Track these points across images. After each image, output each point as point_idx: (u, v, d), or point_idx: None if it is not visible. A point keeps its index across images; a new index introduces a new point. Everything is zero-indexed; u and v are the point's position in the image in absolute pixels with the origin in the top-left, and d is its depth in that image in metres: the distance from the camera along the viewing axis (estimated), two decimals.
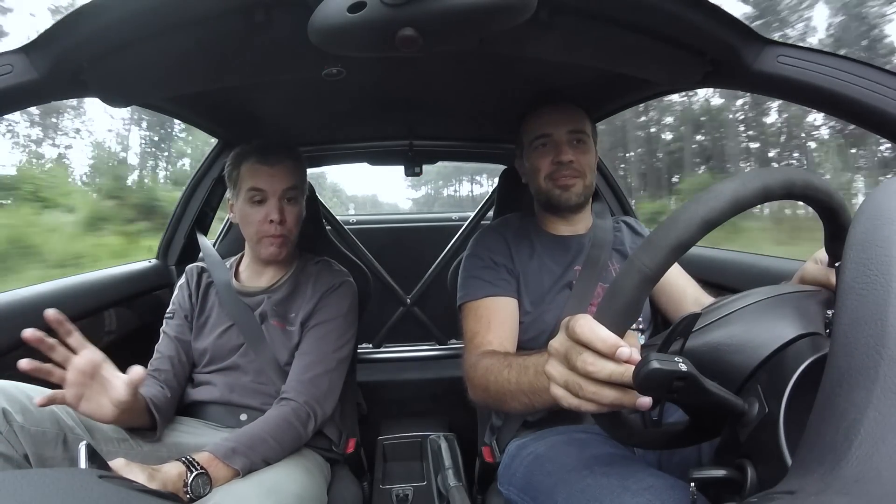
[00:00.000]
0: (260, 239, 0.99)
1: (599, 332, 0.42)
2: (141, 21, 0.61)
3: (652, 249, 0.42)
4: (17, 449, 0.68)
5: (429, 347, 1.89)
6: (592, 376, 0.42)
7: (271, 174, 0.98)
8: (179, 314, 1.04)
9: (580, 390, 0.43)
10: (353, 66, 0.78)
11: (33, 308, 0.99)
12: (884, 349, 0.29)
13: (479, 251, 0.98)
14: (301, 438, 0.90)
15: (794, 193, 0.45)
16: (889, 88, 0.60)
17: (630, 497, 0.56)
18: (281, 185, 0.98)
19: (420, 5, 0.51)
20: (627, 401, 0.42)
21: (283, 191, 0.98)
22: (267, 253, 1.00)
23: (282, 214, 0.98)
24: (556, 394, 0.46)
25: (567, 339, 0.44)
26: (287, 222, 0.99)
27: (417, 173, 1.64)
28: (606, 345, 0.41)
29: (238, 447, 0.78)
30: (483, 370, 0.77)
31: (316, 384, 0.94)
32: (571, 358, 0.43)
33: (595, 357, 0.42)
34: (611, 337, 0.42)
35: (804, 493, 0.28)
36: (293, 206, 1.01)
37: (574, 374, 0.44)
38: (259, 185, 0.98)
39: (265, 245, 1.00)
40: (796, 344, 0.46)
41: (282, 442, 0.85)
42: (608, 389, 0.42)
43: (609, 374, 0.41)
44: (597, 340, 0.42)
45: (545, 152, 0.96)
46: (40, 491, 0.35)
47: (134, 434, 0.83)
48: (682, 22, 0.65)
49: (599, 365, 0.42)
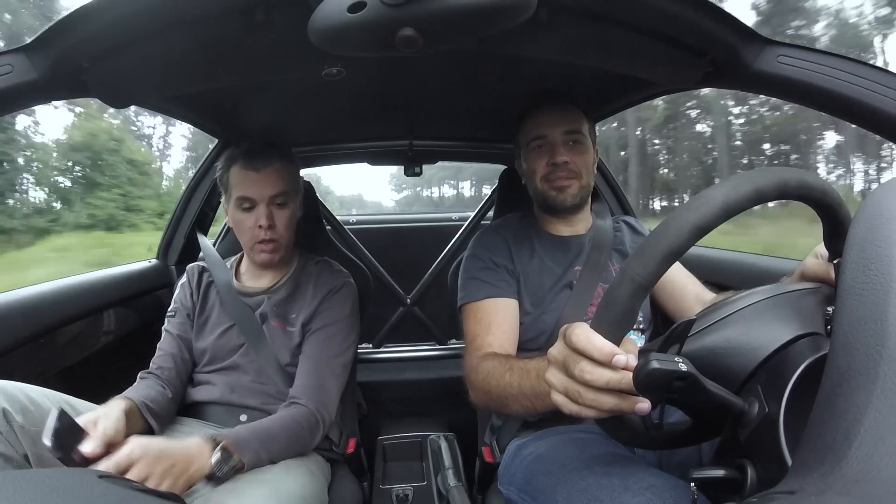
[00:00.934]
0: (252, 245, 0.99)
1: (595, 340, 0.42)
2: (141, 21, 0.61)
3: (644, 258, 0.42)
4: (17, 449, 0.68)
5: (429, 347, 1.89)
6: (590, 384, 0.43)
7: (258, 180, 0.96)
8: (181, 312, 1.04)
9: (580, 397, 0.44)
10: (353, 66, 0.78)
11: (33, 308, 1.00)
12: (884, 349, 0.29)
13: (479, 252, 0.98)
14: (308, 445, 0.90)
15: (788, 193, 0.45)
16: (889, 88, 0.60)
17: (631, 496, 0.56)
18: (269, 192, 0.96)
19: (420, 5, 0.51)
20: (626, 406, 0.43)
21: (271, 197, 0.97)
22: (260, 259, 1.00)
23: (271, 220, 0.96)
24: (556, 400, 0.47)
25: (565, 347, 0.45)
26: (277, 227, 0.98)
27: (417, 173, 1.64)
28: (602, 353, 0.42)
29: (251, 440, 0.78)
30: (484, 373, 0.77)
31: (325, 390, 0.94)
32: (569, 366, 0.44)
33: (592, 365, 0.43)
34: (606, 345, 0.42)
35: (804, 493, 0.28)
36: (283, 210, 0.99)
37: (573, 382, 0.44)
38: (246, 194, 0.96)
39: (258, 252, 0.99)
40: (796, 344, 0.46)
41: (291, 443, 0.85)
42: (607, 396, 0.43)
43: (606, 382, 0.42)
44: (593, 349, 0.42)
45: (541, 154, 0.96)
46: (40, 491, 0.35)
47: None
48: (682, 22, 0.65)
49: (597, 373, 0.42)
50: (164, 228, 1.48)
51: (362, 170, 4.58)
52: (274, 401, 0.95)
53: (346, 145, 1.59)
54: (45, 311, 1.01)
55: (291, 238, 1.03)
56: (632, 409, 0.43)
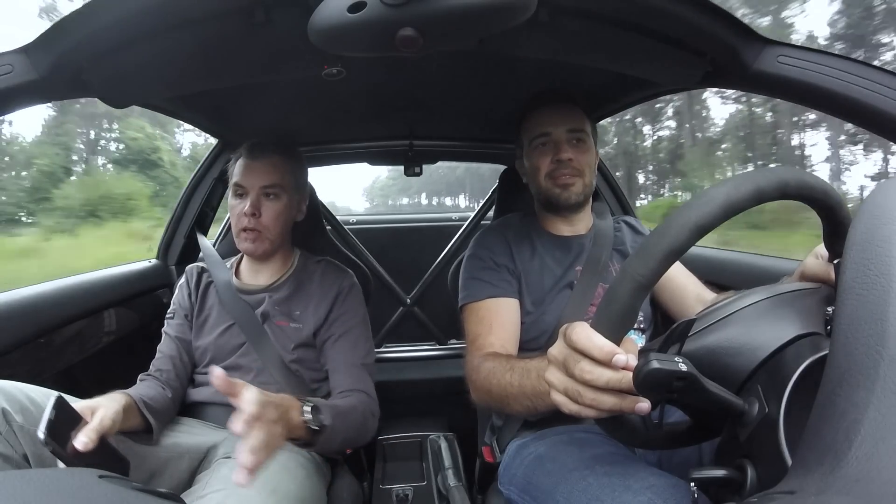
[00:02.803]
0: (238, 232, 1.00)
1: (596, 340, 0.42)
2: (141, 21, 0.61)
3: (645, 257, 0.42)
4: (17, 449, 0.68)
5: (429, 347, 1.89)
6: (590, 384, 0.43)
7: (253, 169, 0.99)
8: (180, 314, 1.04)
9: (580, 397, 0.44)
10: (353, 66, 0.78)
11: (33, 308, 0.99)
12: (884, 349, 0.29)
13: (479, 252, 0.98)
14: (367, 431, 0.91)
15: (789, 193, 0.45)
16: (889, 88, 0.60)
17: (631, 496, 0.56)
18: (259, 181, 0.98)
19: (420, 5, 0.51)
20: (626, 406, 0.43)
21: (262, 187, 0.98)
22: (243, 248, 1.01)
23: (256, 209, 0.97)
24: (556, 400, 0.47)
25: (565, 346, 0.45)
26: (263, 218, 0.98)
27: (417, 173, 1.64)
28: (603, 352, 0.42)
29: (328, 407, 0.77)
30: (486, 373, 0.78)
31: (370, 388, 0.97)
32: (569, 366, 0.44)
33: (592, 365, 0.43)
34: (607, 345, 0.42)
35: (804, 493, 0.28)
36: (273, 202, 0.99)
37: (573, 382, 0.44)
38: (239, 181, 0.99)
39: (241, 239, 1.00)
40: (796, 344, 0.46)
41: (355, 424, 0.86)
42: (607, 396, 0.43)
43: (607, 382, 0.42)
44: (593, 349, 0.42)
45: (545, 151, 0.96)
46: (40, 491, 0.35)
47: (133, 436, 0.83)
48: (682, 22, 0.65)
49: (597, 373, 0.42)
50: (164, 228, 1.48)
51: (336, 179, 4.55)
52: None
53: (345, 145, 1.59)
54: (45, 311, 1.01)
55: (280, 233, 1.02)
56: (632, 408, 0.43)
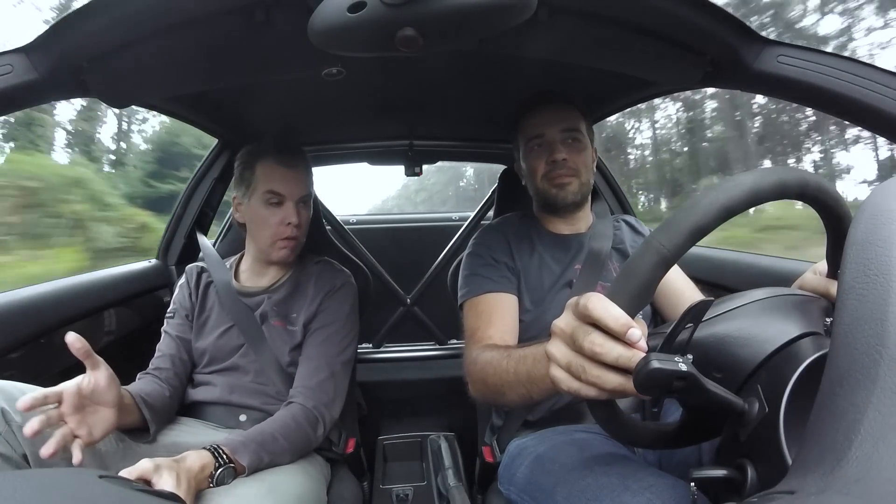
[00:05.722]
0: (274, 242, 0.99)
1: (612, 310, 0.40)
2: (141, 21, 0.61)
3: (671, 231, 0.41)
4: (16, 449, 0.68)
5: (429, 347, 1.89)
6: (599, 358, 0.40)
7: (292, 177, 0.98)
8: (180, 313, 1.04)
9: (583, 373, 0.42)
10: (353, 66, 0.78)
11: (33, 308, 0.99)
12: (884, 349, 0.29)
13: (479, 249, 0.98)
14: (310, 442, 0.89)
15: (807, 195, 0.45)
16: (889, 88, 0.60)
17: (631, 496, 0.55)
18: (300, 191, 0.99)
19: (420, 5, 0.51)
20: (630, 388, 0.40)
21: (301, 196, 0.99)
22: (279, 256, 1.00)
23: (299, 218, 0.99)
24: (555, 376, 0.45)
25: (574, 318, 0.43)
26: (302, 226, 1.01)
27: (417, 173, 1.64)
28: (619, 323, 0.39)
29: (248, 443, 0.78)
30: (483, 363, 0.76)
31: (324, 389, 0.94)
32: (578, 338, 0.42)
33: (604, 338, 0.40)
34: (623, 316, 0.40)
35: (804, 492, 0.28)
36: (306, 210, 1.02)
37: (578, 356, 0.42)
38: (277, 189, 0.97)
39: (278, 248, 0.99)
40: (797, 343, 0.46)
41: (291, 442, 0.84)
42: (612, 374, 0.41)
43: (616, 357, 0.40)
44: (609, 318, 0.40)
45: (540, 153, 0.96)
46: (40, 491, 0.35)
47: (131, 434, 0.83)
48: (682, 22, 0.65)
49: (608, 346, 0.40)
50: (165, 228, 1.48)
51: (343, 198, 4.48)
52: (274, 401, 0.95)
53: (345, 145, 1.59)
54: (45, 311, 1.01)
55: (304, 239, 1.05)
56: (634, 390, 0.40)
